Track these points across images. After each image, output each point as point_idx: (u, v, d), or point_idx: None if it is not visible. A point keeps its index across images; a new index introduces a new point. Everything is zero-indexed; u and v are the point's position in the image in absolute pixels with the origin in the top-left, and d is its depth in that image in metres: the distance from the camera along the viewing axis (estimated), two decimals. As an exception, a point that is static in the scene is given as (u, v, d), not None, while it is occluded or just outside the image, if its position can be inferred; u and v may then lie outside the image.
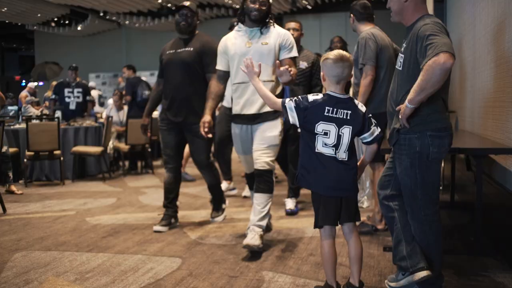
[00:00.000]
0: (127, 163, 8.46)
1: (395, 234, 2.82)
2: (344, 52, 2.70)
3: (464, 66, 5.46)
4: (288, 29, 4.75)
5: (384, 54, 4.01)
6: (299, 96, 2.70)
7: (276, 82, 3.70)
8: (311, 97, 2.67)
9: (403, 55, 2.74)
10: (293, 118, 2.67)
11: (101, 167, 7.43)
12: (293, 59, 3.78)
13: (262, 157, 3.67)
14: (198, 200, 5.68)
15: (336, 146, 2.63)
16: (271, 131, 3.67)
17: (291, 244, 3.85)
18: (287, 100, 2.71)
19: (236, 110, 3.80)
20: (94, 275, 3.19)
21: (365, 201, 5.15)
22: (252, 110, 3.70)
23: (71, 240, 4.04)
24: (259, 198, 3.68)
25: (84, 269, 3.31)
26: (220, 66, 3.89)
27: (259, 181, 3.68)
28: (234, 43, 3.76)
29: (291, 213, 4.90)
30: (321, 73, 2.73)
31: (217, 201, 4.69)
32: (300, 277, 3.12)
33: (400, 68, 2.76)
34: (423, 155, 2.64)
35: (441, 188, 5.64)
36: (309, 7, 14.68)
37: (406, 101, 2.59)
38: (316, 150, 2.64)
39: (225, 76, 3.90)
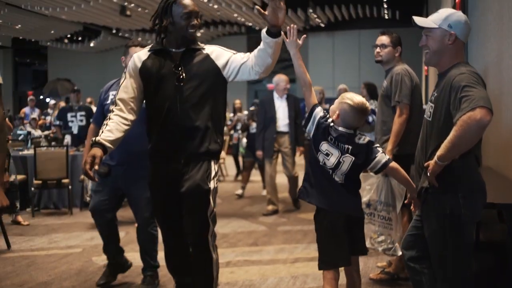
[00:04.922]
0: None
1: (423, 302, 2.59)
2: (364, 102, 2.62)
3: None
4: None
5: (415, 94, 3.77)
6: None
7: None
8: (329, 119, 2.63)
9: (433, 105, 2.53)
10: (312, 124, 2.64)
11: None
12: None
13: None
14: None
15: (333, 170, 2.57)
16: None
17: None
18: (319, 107, 2.65)
19: None
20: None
21: (398, 249, 3.61)
22: None
23: (76, 286, 3.85)
24: None
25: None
26: None
27: None
28: None
29: None
30: (336, 112, 2.62)
31: None
32: None
33: (430, 119, 2.54)
34: (454, 217, 2.41)
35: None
36: (322, 25, 14.57)
37: (436, 157, 2.37)
38: (321, 163, 2.60)
39: None
